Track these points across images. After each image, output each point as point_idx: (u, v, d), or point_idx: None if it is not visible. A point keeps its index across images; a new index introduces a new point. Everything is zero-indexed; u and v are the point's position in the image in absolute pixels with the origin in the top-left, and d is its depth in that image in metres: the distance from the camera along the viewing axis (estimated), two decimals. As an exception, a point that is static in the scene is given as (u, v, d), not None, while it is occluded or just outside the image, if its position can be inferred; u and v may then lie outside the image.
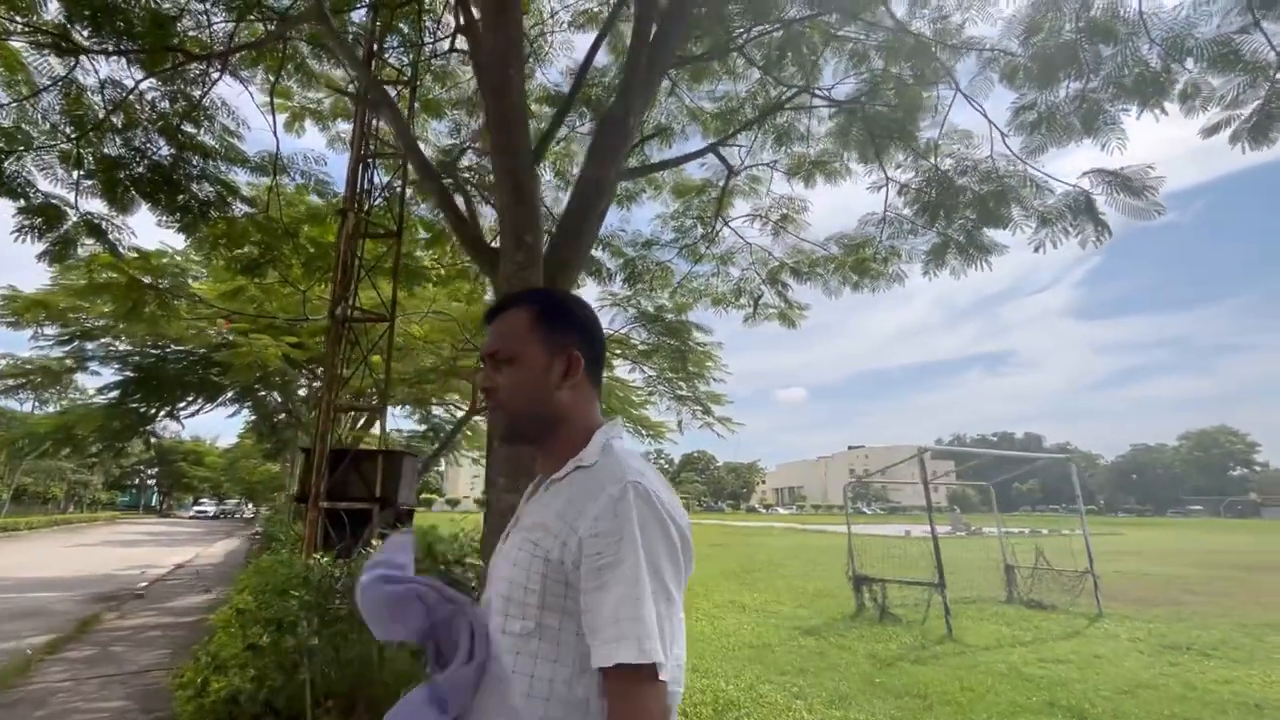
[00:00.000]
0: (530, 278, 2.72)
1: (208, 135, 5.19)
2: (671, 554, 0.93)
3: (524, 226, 2.72)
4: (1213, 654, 7.05)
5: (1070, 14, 4.74)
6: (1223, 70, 4.56)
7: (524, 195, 2.73)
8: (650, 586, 0.88)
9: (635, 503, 0.93)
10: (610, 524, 0.92)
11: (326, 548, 4.42)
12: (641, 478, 0.97)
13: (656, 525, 0.92)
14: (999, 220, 4.91)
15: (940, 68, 5.33)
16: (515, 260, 2.69)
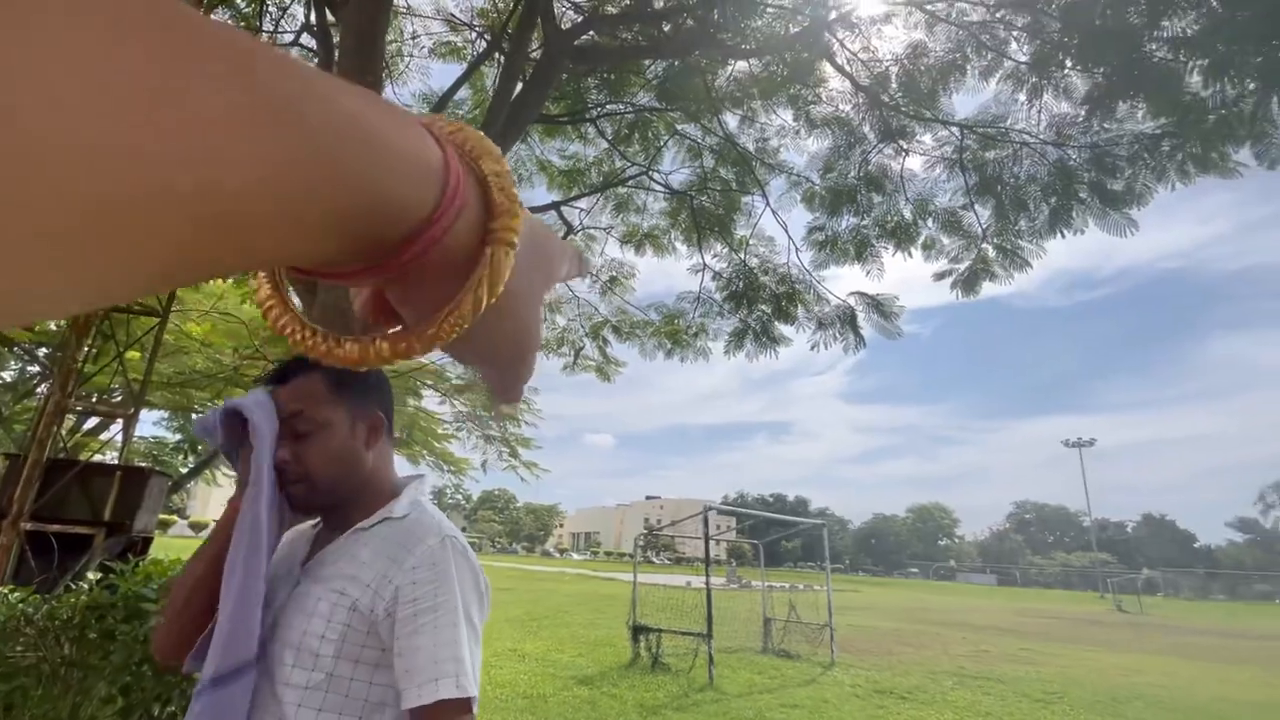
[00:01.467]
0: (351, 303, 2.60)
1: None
2: (480, 601, 1.05)
3: None
4: (908, 697, 8.49)
5: (854, 163, 5.84)
6: (950, 233, 5.92)
7: None
8: (464, 630, 0.97)
9: (452, 555, 1.03)
10: (429, 573, 1.00)
11: (18, 580, 3.59)
12: (455, 533, 1.08)
13: (470, 575, 1.03)
14: (788, 317, 5.79)
15: (755, 180, 6.21)
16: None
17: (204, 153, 0.15)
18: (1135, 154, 4.65)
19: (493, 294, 0.25)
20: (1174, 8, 3.24)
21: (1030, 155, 5.21)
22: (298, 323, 0.28)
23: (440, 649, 0.94)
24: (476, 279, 0.25)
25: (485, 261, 0.25)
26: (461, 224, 0.24)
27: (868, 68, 5.29)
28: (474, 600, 1.03)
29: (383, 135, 0.21)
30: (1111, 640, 18.35)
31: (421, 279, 0.25)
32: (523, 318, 0.30)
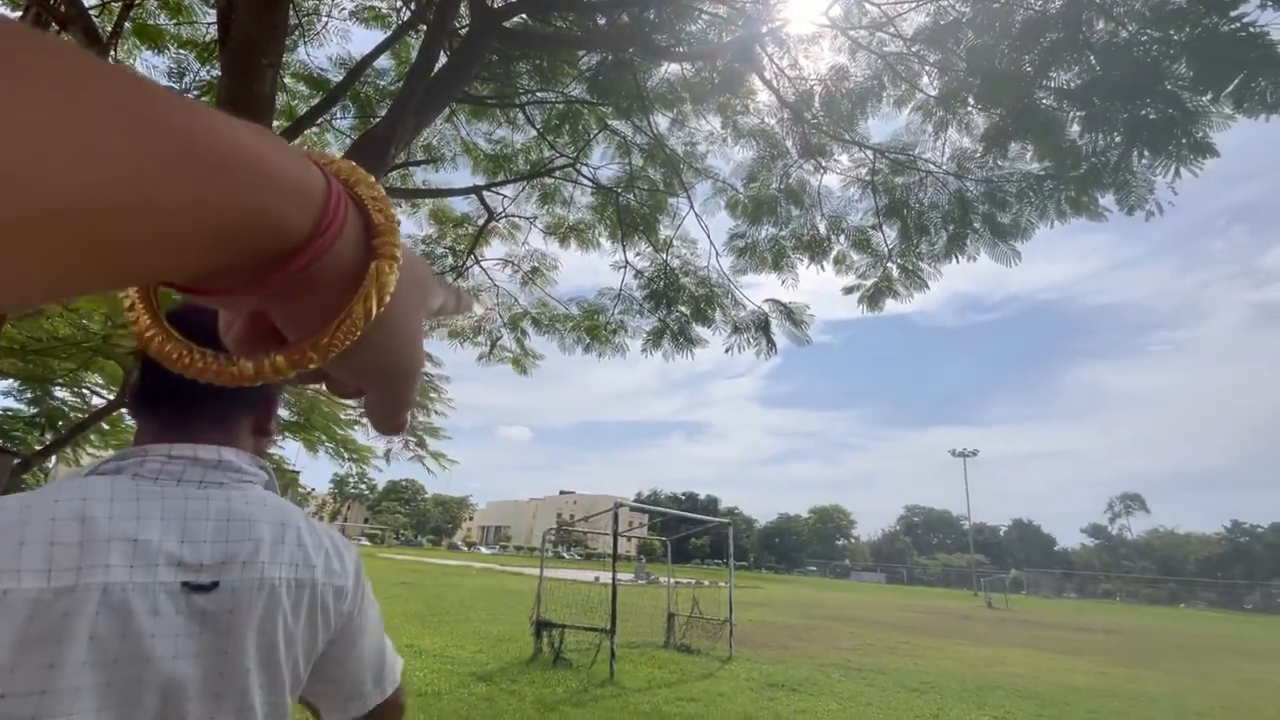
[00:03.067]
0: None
1: None
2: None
3: None
4: (798, 689, 8.91)
5: (776, 175, 6.04)
6: (859, 250, 6.24)
7: None
8: None
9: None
10: None
11: None
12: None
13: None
14: (705, 320, 5.92)
15: (681, 183, 6.29)
16: None
17: (76, 172, 0.17)
18: (1022, 191, 5.08)
19: (380, 303, 0.27)
20: (1060, 61, 3.57)
21: (934, 183, 5.57)
22: (183, 346, 0.29)
23: None
24: (365, 289, 0.27)
25: (372, 274, 0.27)
26: (345, 240, 0.26)
27: (793, 85, 5.49)
28: None
29: (267, 159, 0.23)
30: (979, 634, 20.06)
31: (310, 294, 0.27)
32: (406, 336, 0.32)
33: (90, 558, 0.73)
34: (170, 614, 0.77)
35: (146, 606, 0.75)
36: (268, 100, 2.42)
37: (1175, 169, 3.24)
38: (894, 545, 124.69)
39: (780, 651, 12.70)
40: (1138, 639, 22.27)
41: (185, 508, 0.83)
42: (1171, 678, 12.85)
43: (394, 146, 3.03)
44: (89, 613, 0.71)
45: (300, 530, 0.95)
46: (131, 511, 0.79)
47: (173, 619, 0.77)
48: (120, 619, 0.73)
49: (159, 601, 0.76)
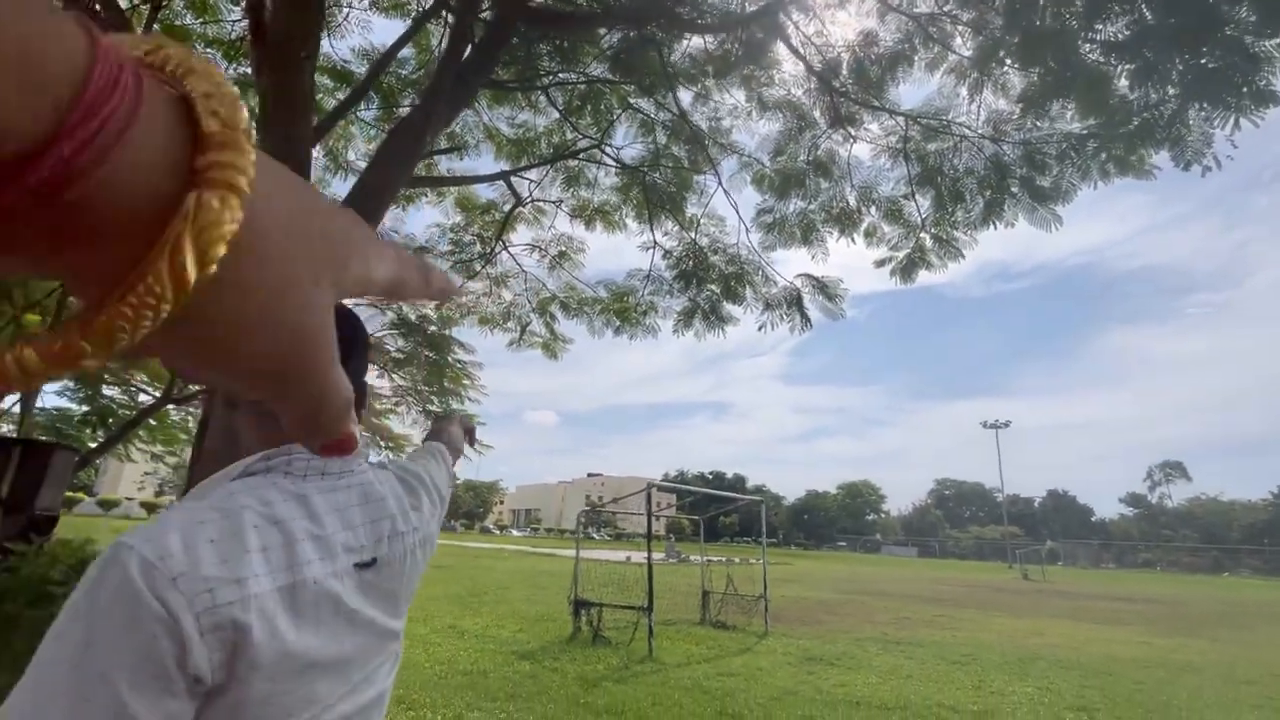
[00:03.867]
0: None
1: None
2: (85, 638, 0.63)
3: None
4: (835, 664, 8.94)
5: (804, 147, 5.91)
6: (891, 221, 6.10)
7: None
8: (27, 699, 0.61)
9: (93, 570, 0.67)
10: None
11: (-99, 564, 3.26)
12: (129, 540, 0.69)
13: (79, 607, 0.65)
14: (736, 297, 5.87)
15: (708, 158, 6.20)
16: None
17: None
18: (1063, 152, 4.90)
19: (204, 261, 0.18)
20: (1108, 13, 3.40)
21: (969, 149, 5.41)
22: None
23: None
24: (172, 236, 0.17)
25: (187, 211, 0.18)
26: (136, 152, 0.17)
27: (820, 52, 5.34)
28: (71, 640, 0.63)
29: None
30: (1017, 606, 19.87)
31: (90, 244, 0.17)
32: (287, 313, 0.21)
33: (295, 556, 0.80)
34: (353, 592, 0.86)
35: (342, 589, 0.85)
36: (307, 94, 2.44)
37: (1235, 120, 3.09)
38: (925, 519, 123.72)
39: (815, 627, 12.74)
40: (1181, 608, 21.85)
41: (337, 500, 0.91)
42: (1217, 646, 12.61)
43: (429, 135, 3.03)
44: (311, 601, 0.80)
45: (400, 492, 1.05)
46: (304, 510, 0.85)
47: (356, 597, 0.87)
48: (331, 601, 0.82)
49: (345, 584, 0.85)
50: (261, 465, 0.88)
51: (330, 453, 0.27)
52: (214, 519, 0.77)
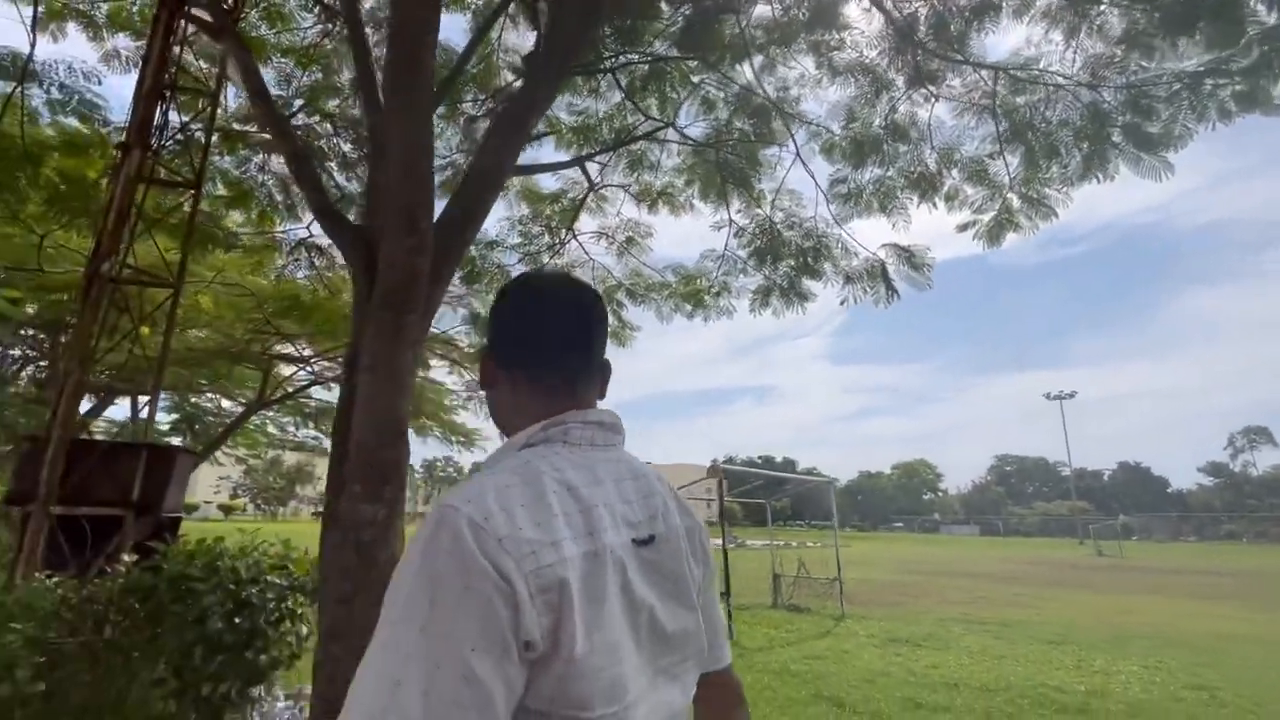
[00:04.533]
0: (422, 266, 2.44)
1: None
2: (433, 602, 0.63)
3: (420, 208, 2.43)
4: (922, 645, 8.71)
5: (880, 111, 5.67)
6: (975, 182, 5.81)
7: (421, 172, 2.44)
8: (377, 669, 0.61)
9: (417, 542, 0.67)
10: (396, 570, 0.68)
11: (53, 565, 3.46)
12: (454, 501, 0.70)
13: (419, 566, 0.65)
14: (813, 273, 5.69)
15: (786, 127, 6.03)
16: (405, 245, 2.38)
17: None
18: (1175, 93, 4.54)
19: None
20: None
21: (1063, 99, 5.08)
22: None
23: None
24: None
25: None
26: None
27: (897, 7, 5.10)
28: (417, 604, 0.63)
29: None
30: (1097, 583, 19.02)
31: None
32: None
33: (591, 523, 0.77)
34: (636, 567, 0.81)
35: (628, 562, 0.80)
36: (431, 76, 2.44)
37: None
38: (985, 496, 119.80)
39: (891, 608, 12.46)
40: (1274, 581, 20.51)
41: (614, 470, 0.87)
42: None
43: (533, 121, 3.00)
44: (609, 571, 0.75)
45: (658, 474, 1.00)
46: (589, 479, 0.82)
47: (637, 575, 0.80)
48: (620, 574, 0.77)
49: (628, 557, 0.80)
50: (541, 435, 0.85)
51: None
52: (517, 483, 0.75)
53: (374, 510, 2.24)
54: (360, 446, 2.30)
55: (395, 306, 2.37)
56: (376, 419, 2.31)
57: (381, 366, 2.32)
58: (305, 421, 12.03)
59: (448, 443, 11.04)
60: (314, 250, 5.68)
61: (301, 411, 10.91)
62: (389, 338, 2.34)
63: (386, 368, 2.32)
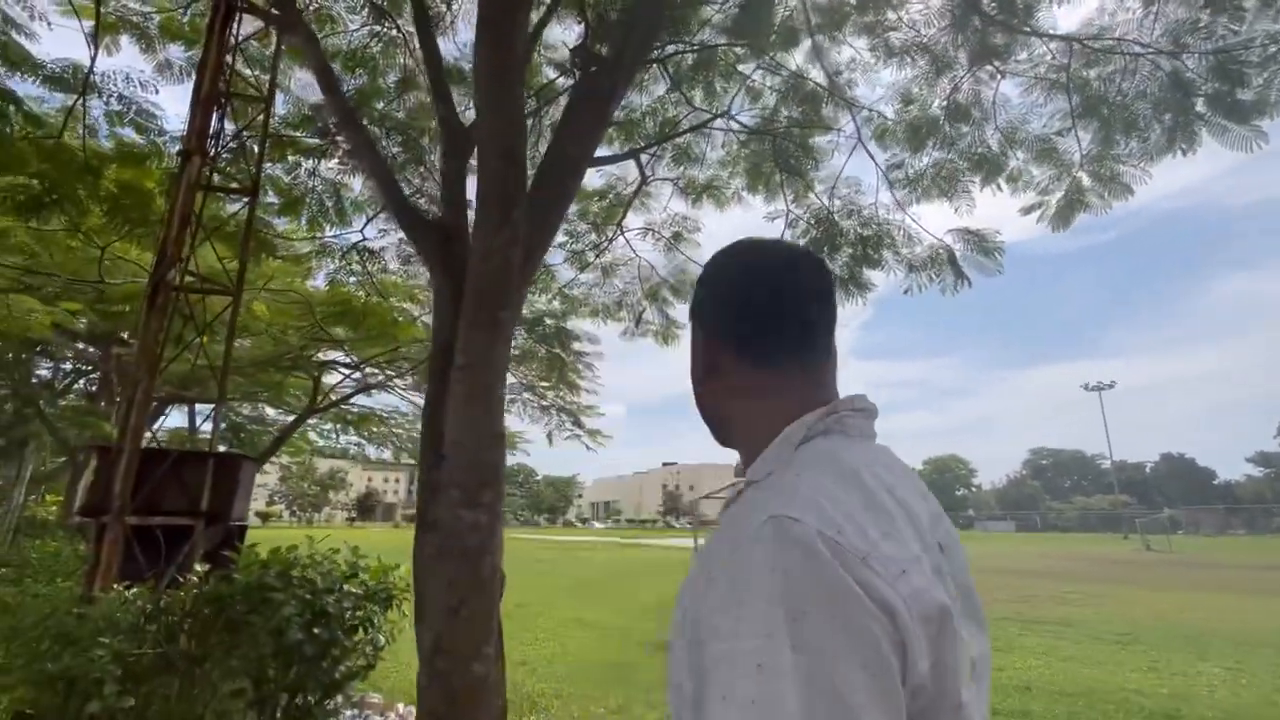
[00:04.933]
0: (514, 257, 2.33)
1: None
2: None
3: (515, 198, 2.32)
4: (983, 645, 8.40)
5: (939, 92, 5.44)
6: (1042, 162, 5.55)
7: (517, 158, 2.32)
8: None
9: (760, 556, 0.53)
10: (716, 599, 0.54)
11: (129, 576, 3.44)
12: (793, 511, 0.55)
13: (783, 591, 0.50)
14: (873, 262, 5.48)
15: (828, 117, 5.83)
16: (501, 237, 2.26)
17: None
18: (1271, 56, 4.25)
19: None
20: None
21: (1142, 69, 4.80)
22: None
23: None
24: None
25: None
26: None
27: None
28: (780, 630, 0.48)
29: None
30: (1151, 579, 18.32)
31: None
32: None
33: (919, 532, 0.63)
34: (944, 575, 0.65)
35: (939, 567, 0.64)
36: (522, 59, 2.33)
37: None
38: (1021, 491, 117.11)
39: (941, 607, 12.12)
40: (1348, 575, 19.55)
41: (895, 466, 0.72)
42: None
43: (613, 104, 2.88)
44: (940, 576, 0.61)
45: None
46: (893, 477, 0.68)
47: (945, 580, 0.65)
48: (941, 579, 0.62)
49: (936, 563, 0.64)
50: (820, 427, 0.71)
51: None
52: (841, 486, 0.60)
53: (475, 515, 2.13)
54: (458, 449, 2.19)
55: (490, 301, 2.26)
56: (474, 419, 2.20)
57: (478, 364, 2.22)
58: (345, 428, 12.15)
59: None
60: (366, 254, 5.64)
61: (344, 418, 10.99)
62: (485, 334, 2.23)
63: (483, 365, 2.21)
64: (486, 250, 2.31)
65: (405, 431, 12.01)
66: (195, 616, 3.34)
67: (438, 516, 2.23)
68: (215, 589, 3.27)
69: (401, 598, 3.58)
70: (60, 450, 11.53)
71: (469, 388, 2.24)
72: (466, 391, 2.24)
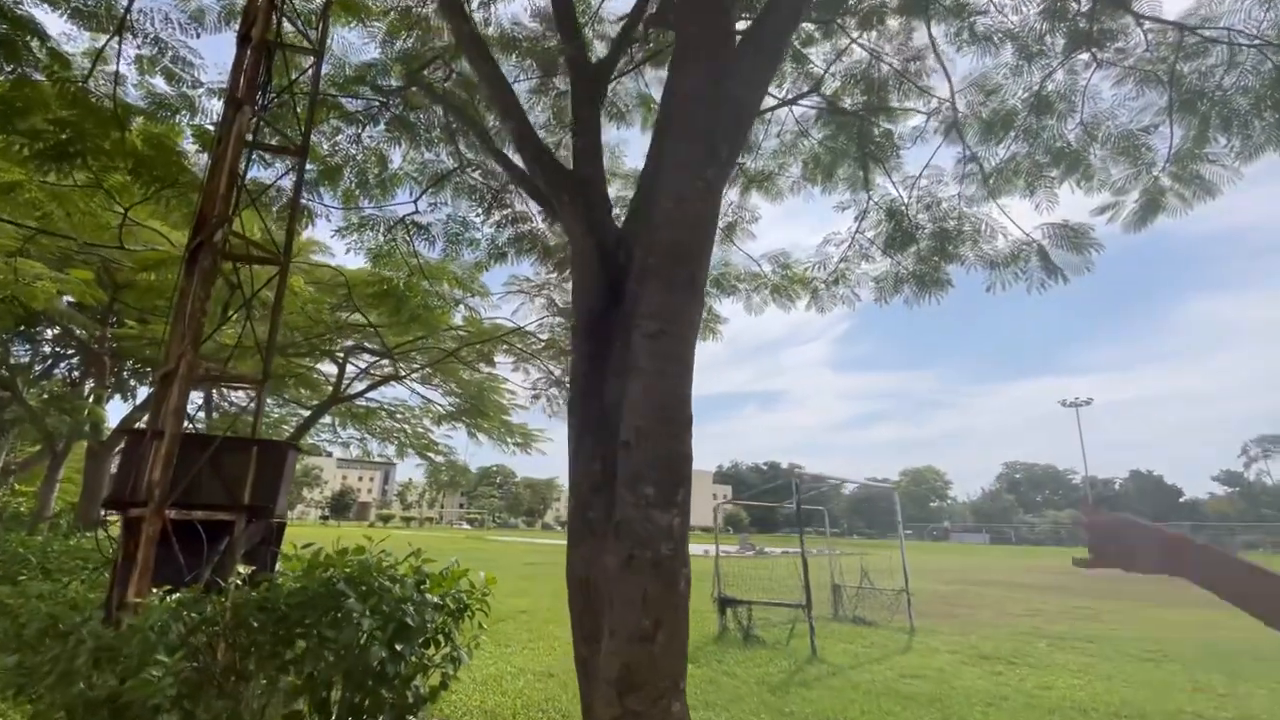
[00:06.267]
0: (717, 203, 1.96)
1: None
2: None
3: (726, 129, 1.94)
4: (1016, 662, 8.15)
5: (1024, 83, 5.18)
6: (1121, 158, 5.32)
7: (728, 89, 1.92)
8: None
9: None
10: None
11: (167, 580, 2.97)
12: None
13: None
14: (952, 257, 5.20)
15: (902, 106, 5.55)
16: (702, 179, 1.87)
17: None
18: (1396, 51, 4.05)
19: None
20: None
21: (1248, 60, 4.58)
22: None
23: None
24: None
25: None
26: None
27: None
28: None
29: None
30: (1148, 594, 18.37)
31: None
32: None
33: None
34: None
35: None
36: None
37: None
38: (996, 504, 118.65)
39: (952, 620, 11.92)
40: (1334, 593, 19.79)
41: None
42: None
43: (785, 43, 2.52)
44: None
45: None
46: None
47: None
48: None
49: None
50: None
51: None
52: None
53: (669, 519, 1.74)
54: (645, 437, 1.80)
55: (688, 254, 1.87)
56: (666, 400, 1.81)
57: (673, 332, 1.83)
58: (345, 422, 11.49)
59: (503, 445, 10.53)
60: (415, 228, 5.17)
61: (351, 412, 10.35)
62: (682, 294, 1.85)
63: (679, 333, 1.83)
64: (683, 194, 1.93)
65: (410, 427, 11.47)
66: (244, 627, 2.88)
67: (624, 519, 1.81)
68: (273, 595, 2.83)
69: (476, 607, 3.17)
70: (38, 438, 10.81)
71: (662, 361, 1.84)
72: (659, 366, 1.84)
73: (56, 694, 2.25)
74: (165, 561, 3.03)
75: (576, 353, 2.46)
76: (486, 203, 5.08)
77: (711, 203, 1.96)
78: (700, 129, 1.94)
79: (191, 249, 3.37)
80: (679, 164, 1.97)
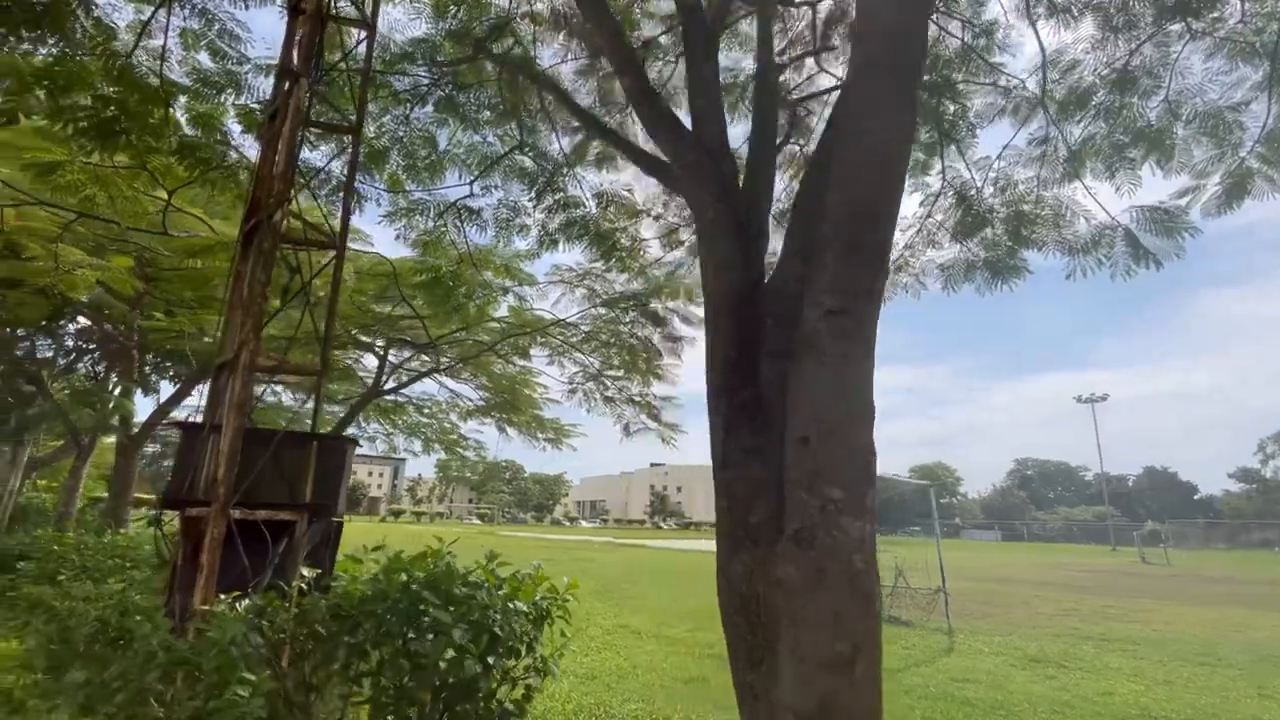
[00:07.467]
0: (906, 154, 1.72)
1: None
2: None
3: (920, 63, 1.69)
4: (1067, 666, 7.89)
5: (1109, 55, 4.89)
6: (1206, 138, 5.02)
7: (921, 28, 1.70)
8: None
9: None
10: None
11: (232, 585, 2.77)
12: None
13: None
14: (1029, 243, 4.93)
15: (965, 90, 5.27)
16: (896, 125, 1.63)
17: None
18: None
19: None
20: None
21: (1360, 31, 4.27)
22: None
23: None
24: None
25: None
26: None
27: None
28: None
29: None
30: (1172, 592, 18.03)
31: None
32: None
33: None
34: None
35: None
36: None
37: None
38: (1007, 501, 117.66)
39: (988, 621, 11.65)
40: (1368, 592, 19.40)
41: None
42: None
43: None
44: None
45: None
46: None
47: None
48: None
49: None
50: None
51: None
52: None
53: (861, 526, 1.52)
54: (829, 433, 1.57)
55: (876, 218, 1.62)
56: (849, 390, 1.59)
57: (857, 310, 1.60)
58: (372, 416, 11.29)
59: (533, 439, 10.35)
60: (466, 213, 4.93)
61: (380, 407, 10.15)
62: (868, 266, 1.61)
63: (865, 311, 1.60)
64: (872, 145, 1.68)
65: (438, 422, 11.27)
66: (314, 636, 2.68)
67: (807, 526, 1.57)
68: (345, 601, 2.61)
69: (558, 615, 2.95)
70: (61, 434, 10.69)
71: (846, 343, 1.61)
72: (843, 349, 1.61)
73: (128, 712, 2.04)
74: (228, 565, 2.82)
75: (718, 335, 2.21)
76: (539, 186, 4.86)
77: (898, 153, 1.71)
78: (890, 60, 1.69)
79: (246, 231, 3.16)
80: (858, 108, 1.72)
